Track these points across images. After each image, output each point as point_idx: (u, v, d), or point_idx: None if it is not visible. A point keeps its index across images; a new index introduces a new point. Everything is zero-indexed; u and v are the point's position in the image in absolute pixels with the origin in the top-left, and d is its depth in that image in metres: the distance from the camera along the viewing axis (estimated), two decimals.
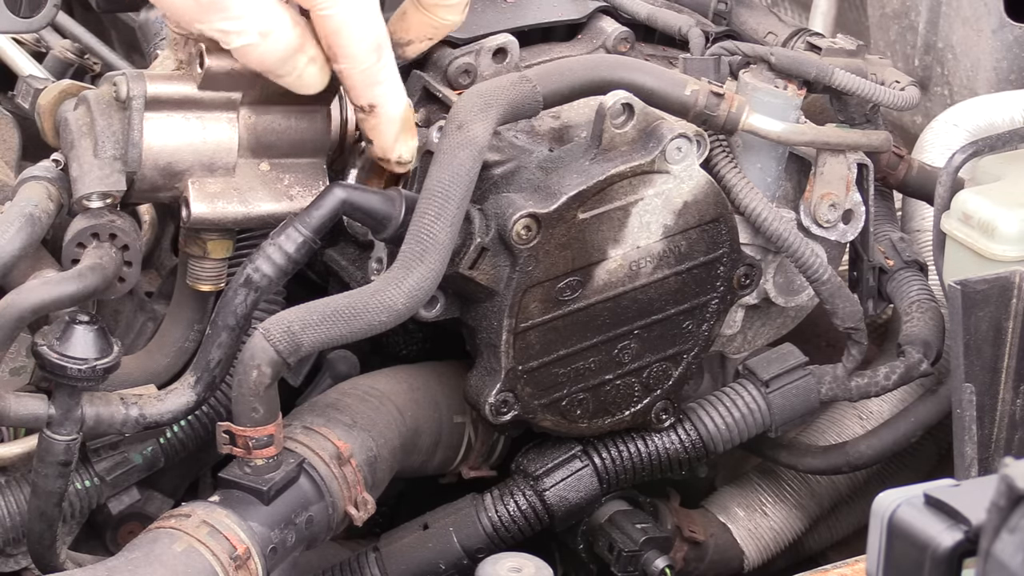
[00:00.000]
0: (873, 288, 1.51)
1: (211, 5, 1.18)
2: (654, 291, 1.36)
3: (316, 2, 1.20)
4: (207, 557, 1.19)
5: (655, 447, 1.42)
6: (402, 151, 1.28)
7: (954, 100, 1.73)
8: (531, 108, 1.30)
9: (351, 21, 1.21)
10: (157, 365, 1.39)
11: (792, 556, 1.63)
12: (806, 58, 1.41)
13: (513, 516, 1.40)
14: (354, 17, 1.21)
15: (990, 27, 1.70)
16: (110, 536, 1.48)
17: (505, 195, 1.30)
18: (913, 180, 1.55)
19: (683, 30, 1.49)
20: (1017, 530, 0.77)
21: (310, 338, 1.21)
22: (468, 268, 1.29)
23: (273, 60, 1.22)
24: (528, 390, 1.34)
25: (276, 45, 1.21)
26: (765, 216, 1.39)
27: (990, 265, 1.36)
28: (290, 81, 1.24)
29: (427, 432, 1.44)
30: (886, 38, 1.82)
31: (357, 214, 1.27)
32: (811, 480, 1.59)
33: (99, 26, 1.89)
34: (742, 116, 1.36)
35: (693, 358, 1.40)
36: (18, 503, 1.35)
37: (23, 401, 1.24)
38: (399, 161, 1.29)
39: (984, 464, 1.28)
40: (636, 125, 1.31)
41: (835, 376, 1.45)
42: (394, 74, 1.26)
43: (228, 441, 1.24)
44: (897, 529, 0.87)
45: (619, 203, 1.31)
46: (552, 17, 1.47)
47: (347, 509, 1.30)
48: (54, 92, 1.35)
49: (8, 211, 1.28)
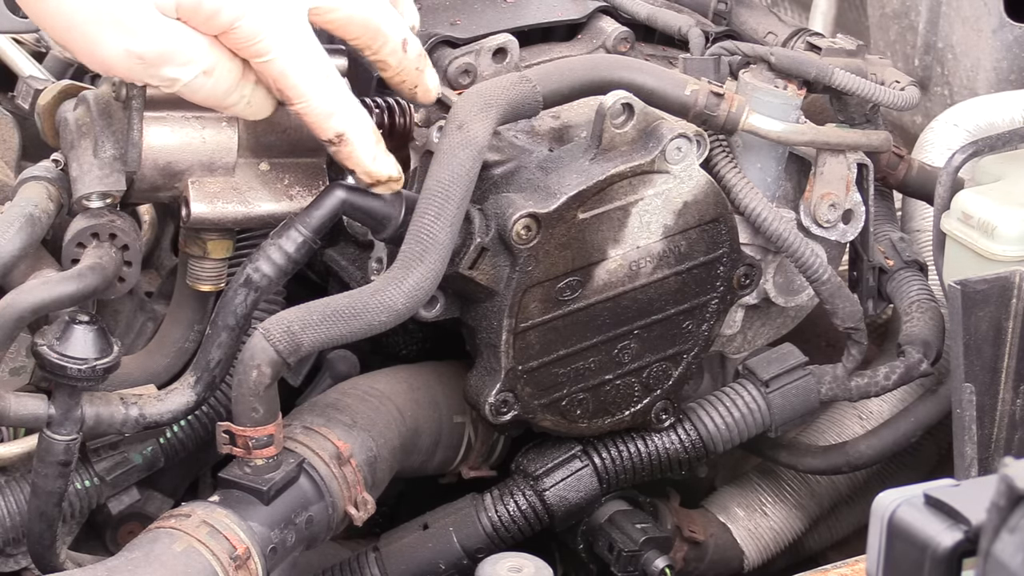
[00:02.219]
0: (873, 288, 1.51)
1: (157, 59, 1.17)
2: (654, 291, 1.36)
3: (253, 53, 1.18)
4: (207, 557, 1.19)
5: (655, 447, 1.42)
6: (384, 169, 1.24)
7: (954, 100, 1.73)
8: (531, 108, 1.30)
9: (292, 62, 1.19)
10: (157, 365, 1.39)
11: (792, 556, 1.63)
12: (806, 58, 1.41)
13: (513, 516, 1.40)
14: (294, 57, 1.19)
15: (990, 27, 1.70)
16: (110, 536, 1.48)
17: (505, 195, 1.30)
18: (913, 180, 1.55)
19: (683, 30, 1.49)
20: (1017, 530, 0.77)
21: (310, 338, 1.21)
22: (468, 268, 1.29)
23: (220, 93, 1.20)
24: (528, 390, 1.34)
25: (220, 80, 1.19)
26: (765, 216, 1.39)
27: (990, 265, 1.36)
28: (239, 110, 1.22)
29: (427, 432, 1.44)
30: (886, 38, 1.82)
31: (357, 214, 1.27)
32: (811, 480, 1.59)
33: None
34: (742, 116, 1.36)
35: (693, 358, 1.40)
36: (18, 503, 1.35)
37: (23, 401, 1.24)
38: (390, 179, 1.25)
39: (984, 464, 1.28)
40: (636, 125, 1.31)
41: (835, 376, 1.45)
42: (349, 97, 1.23)
43: (228, 441, 1.24)
44: (897, 529, 0.87)
45: (619, 203, 1.31)
46: (552, 17, 1.48)
47: (347, 509, 1.30)
48: (54, 92, 1.35)
49: (8, 211, 1.28)
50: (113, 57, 1.17)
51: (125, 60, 1.16)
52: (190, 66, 1.17)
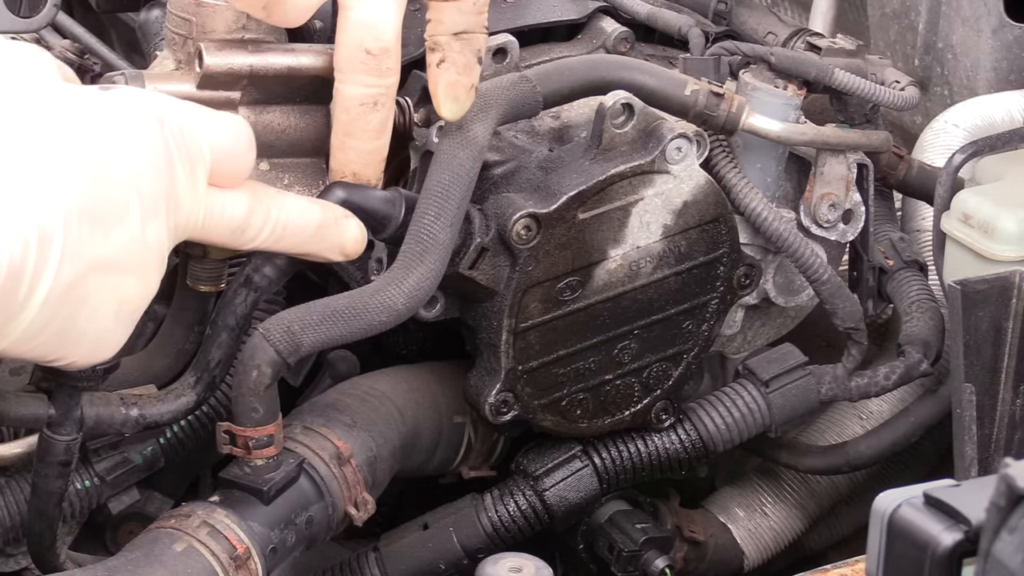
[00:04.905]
0: (873, 288, 1.51)
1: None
2: (654, 291, 1.36)
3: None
4: (207, 557, 1.19)
5: (655, 447, 1.42)
6: (340, 247, 1.23)
7: (954, 100, 1.73)
8: (531, 108, 1.30)
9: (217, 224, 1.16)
10: (157, 366, 1.39)
11: (792, 556, 1.63)
12: (806, 58, 1.41)
13: (513, 516, 1.40)
14: (217, 227, 1.16)
15: (990, 27, 1.70)
16: (110, 536, 1.47)
17: (505, 195, 1.30)
18: (913, 180, 1.55)
19: (683, 30, 1.49)
20: (1017, 530, 0.77)
21: (310, 338, 1.21)
22: (468, 268, 1.29)
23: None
24: (528, 390, 1.34)
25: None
26: (765, 216, 1.39)
27: (990, 265, 1.36)
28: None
29: (427, 432, 1.44)
30: (886, 38, 1.82)
31: (357, 214, 1.27)
32: (811, 480, 1.59)
33: (99, 26, 1.89)
34: (742, 116, 1.36)
35: (693, 358, 1.40)
36: (18, 503, 1.35)
37: (23, 401, 1.24)
38: (347, 254, 1.24)
39: (984, 464, 1.28)
40: (636, 125, 1.31)
41: (835, 376, 1.45)
42: (278, 207, 1.19)
43: (228, 441, 1.24)
44: (897, 529, 0.87)
45: (619, 203, 1.31)
46: (552, 17, 1.47)
47: (347, 509, 1.30)
48: None
49: None
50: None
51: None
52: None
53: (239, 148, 1.16)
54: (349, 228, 1.23)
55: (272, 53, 1.28)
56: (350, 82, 1.22)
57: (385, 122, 1.24)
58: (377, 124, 1.23)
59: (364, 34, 1.21)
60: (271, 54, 1.28)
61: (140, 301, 1.11)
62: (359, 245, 1.24)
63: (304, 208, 1.21)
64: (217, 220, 1.15)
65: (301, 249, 1.22)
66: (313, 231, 1.21)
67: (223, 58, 1.25)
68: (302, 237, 1.21)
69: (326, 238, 1.22)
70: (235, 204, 1.16)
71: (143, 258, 1.08)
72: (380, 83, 1.22)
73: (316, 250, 1.22)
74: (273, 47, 1.28)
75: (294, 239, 1.20)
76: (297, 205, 1.20)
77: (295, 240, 1.20)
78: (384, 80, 1.22)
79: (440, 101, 1.24)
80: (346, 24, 1.22)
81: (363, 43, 1.21)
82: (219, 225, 1.15)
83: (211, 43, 1.26)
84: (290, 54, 1.28)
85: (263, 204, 1.18)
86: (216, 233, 1.16)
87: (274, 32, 1.30)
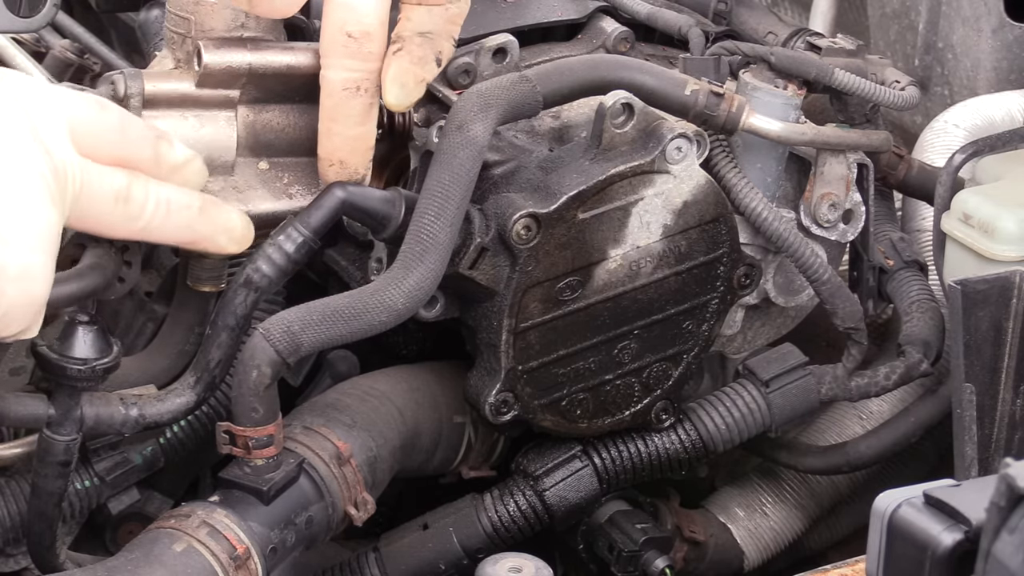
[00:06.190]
0: (873, 288, 1.51)
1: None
2: (654, 291, 1.36)
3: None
4: (207, 557, 1.19)
5: (655, 447, 1.42)
6: (227, 230, 1.25)
7: (954, 100, 1.73)
8: (531, 108, 1.29)
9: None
10: (157, 366, 1.39)
11: (792, 556, 1.63)
12: (806, 58, 1.41)
13: (513, 516, 1.40)
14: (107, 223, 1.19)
15: (990, 27, 1.70)
16: (110, 536, 1.47)
17: (505, 195, 1.30)
18: (913, 180, 1.55)
19: (683, 30, 1.49)
20: (1017, 530, 0.77)
21: (310, 338, 1.21)
22: (468, 268, 1.29)
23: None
24: (528, 390, 1.34)
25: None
26: (765, 216, 1.39)
27: (990, 265, 1.36)
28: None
29: (427, 432, 1.44)
30: (886, 38, 1.82)
31: (357, 214, 1.27)
32: (811, 480, 1.59)
33: (99, 26, 1.89)
34: (742, 116, 1.36)
35: (693, 358, 1.40)
36: (18, 503, 1.34)
37: (23, 401, 1.24)
38: (236, 238, 1.25)
39: (984, 464, 1.28)
40: (636, 125, 1.31)
41: (835, 376, 1.45)
42: (154, 199, 1.20)
43: (228, 441, 1.24)
44: (897, 529, 0.87)
45: (619, 203, 1.31)
46: (552, 17, 1.48)
47: (347, 509, 1.30)
48: None
49: None
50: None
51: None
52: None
53: (92, 113, 1.17)
54: (232, 211, 1.25)
55: (271, 51, 1.28)
56: (333, 66, 1.22)
57: (369, 108, 1.24)
58: (361, 109, 1.23)
59: (346, 17, 1.21)
60: (270, 52, 1.28)
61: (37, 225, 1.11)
62: (248, 230, 1.25)
63: (185, 190, 1.22)
64: (97, 185, 1.15)
65: (192, 231, 1.22)
66: (198, 210, 1.22)
67: (222, 56, 1.25)
68: (189, 215, 1.21)
69: (213, 219, 1.23)
70: (113, 174, 1.17)
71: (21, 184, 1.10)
72: (362, 67, 1.22)
73: (206, 231, 1.22)
74: (272, 45, 1.28)
75: (181, 217, 1.21)
76: (177, 187, 1.21)
77: (182, 218, 1.21)
78: (367, 64, 1.22)
79: (387, 86, 1.23)
80: (329, 7, 1.22)
81: (345, 26, 1.21)
82: (100, 190, 1.16)
83: (210, 41, 1.26)
84: (289, 52, 1.29)
85: (141, 179, 1.18)
86: (100, 200, 1.16)
87: (273, 31, 1.30)
